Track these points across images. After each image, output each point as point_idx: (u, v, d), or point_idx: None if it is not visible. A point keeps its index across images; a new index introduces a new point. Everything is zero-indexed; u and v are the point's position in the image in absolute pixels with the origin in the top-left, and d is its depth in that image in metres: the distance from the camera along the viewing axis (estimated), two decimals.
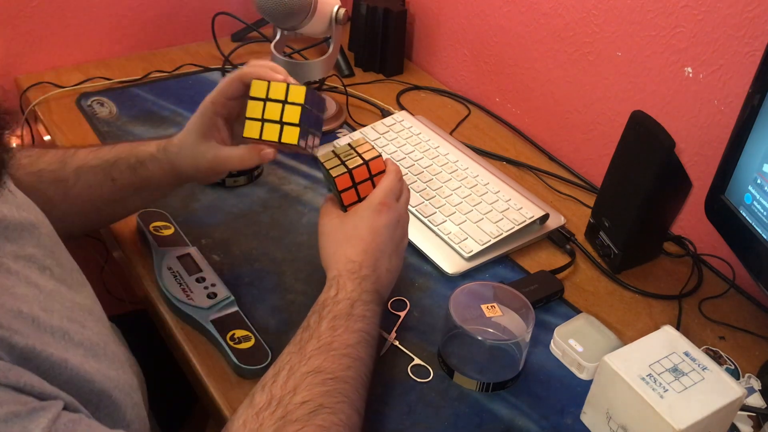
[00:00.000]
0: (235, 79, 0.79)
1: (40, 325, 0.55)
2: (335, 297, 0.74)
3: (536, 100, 1.24)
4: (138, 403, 0.63)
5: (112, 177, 0.82)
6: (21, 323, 0.53)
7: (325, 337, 0.70)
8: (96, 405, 0.57)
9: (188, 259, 0.88)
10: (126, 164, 0.82)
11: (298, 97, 0.78)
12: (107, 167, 0.82)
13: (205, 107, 0.80)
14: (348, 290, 0.75)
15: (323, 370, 0.67)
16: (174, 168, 0.82)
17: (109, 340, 0.64)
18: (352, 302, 0.74)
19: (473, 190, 1.05)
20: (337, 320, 0.72)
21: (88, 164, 0.83)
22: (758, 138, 0.82)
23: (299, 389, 0.65)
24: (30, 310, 0.55)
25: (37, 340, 0.53)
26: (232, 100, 0.80)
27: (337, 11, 1.15)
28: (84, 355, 0.58)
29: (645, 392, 0.69)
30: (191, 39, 1.41)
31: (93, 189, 0.82)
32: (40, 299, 0.58)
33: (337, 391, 0.66)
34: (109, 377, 0.59)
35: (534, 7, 1.18)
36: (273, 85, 0.78)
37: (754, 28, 0.90)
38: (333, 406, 0.65)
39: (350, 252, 0.78)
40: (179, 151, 0.82)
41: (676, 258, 1.02)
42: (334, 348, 0.69)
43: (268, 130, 0.78)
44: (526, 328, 0.80)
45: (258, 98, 0.78)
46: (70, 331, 0.58)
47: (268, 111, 0.78)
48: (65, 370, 0.54)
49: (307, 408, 0.63)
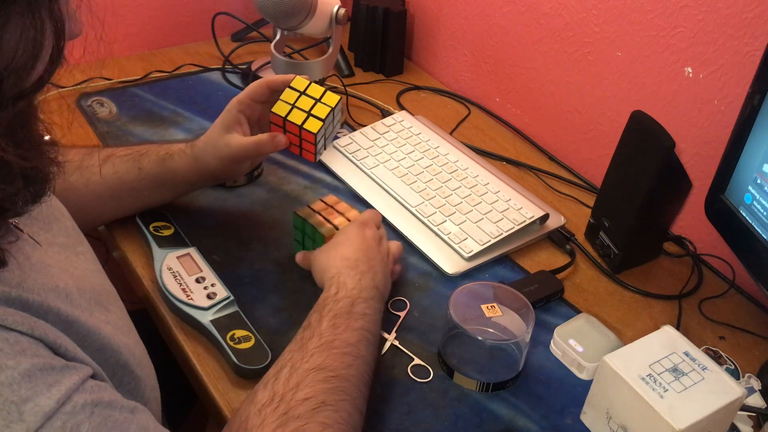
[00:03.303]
0: (263, 84, 0.88)
1: (74, 301, 0.58)
2: (335, 295, 0.75)
3: (536, 100, 1.24)
4: (155, 387, 0.66)
5: (140, 165, 0.87)
6: (57, 297, 0.56)
7: (327, 336, 0.70)
8: (120, 379, 0.60)
9: (188, 259, 0.88)
10: (156, 155, 0.88)
11: (332, 101, 0.88)
12: (137, 156, 0.88)
13: (231, 105, 0.88)
14: (348, 288, 0.76)
15: (325, 368, 0.67)
16: (197, 161, 0.88)
17: (130, 326, 0.67)
18: (353, 300, 0.74)
19: (473, 190, 1.05)
20: (337, 318, 0.72)
21: (118, 153, 0.88)
22: (758, 138, 0.82)
23: (301, 386, 0.65)
24: (65, 287, 0.58)
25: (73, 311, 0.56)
26: (257, 103, 0.89)
27: (337, 11, 1.15)
28: (113, 331, 0.61)
29: (645, 392, 0.69)
30: (191, 39, 1.41)
31: (119, 175, 0.87)
32: (74, 279, 0.61)
33: (339, 388, 0.66)
34: (134, 354, 0.62)
35: (534, 7, 1.18)
36: (313, 85, 0.89)
37: (754, 28, 0.90)
38: (335, 404, 0.65)
39: (345, 251, 0.80)
40: (203, 145, 0.88)
41: (676, 258, 1.02)
42: (335, 346, 0.69)
43: (294, 114, 0.87)
44: (526, 328, 0.80)
45: (296, 89, 0.88)
46: (97, 311, 0.61)
47: (300, 101, 0.88)
48: (98, 338, 0.58)
49: (309, 405, 0.63)
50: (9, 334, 0.49)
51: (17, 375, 0.47)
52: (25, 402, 0.47)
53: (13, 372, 0.47)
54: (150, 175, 0.88)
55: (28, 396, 0.47)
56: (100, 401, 0.51)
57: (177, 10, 1.39)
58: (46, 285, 0.56)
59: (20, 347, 0.49)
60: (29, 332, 0.50)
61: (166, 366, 0.89)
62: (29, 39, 0.46)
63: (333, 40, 1.19)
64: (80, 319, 0.56)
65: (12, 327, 0.49)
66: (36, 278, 0.55)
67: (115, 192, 0.88)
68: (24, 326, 0.50)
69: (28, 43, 0.46)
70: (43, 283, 0.56)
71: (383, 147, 1.12)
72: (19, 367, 0.48)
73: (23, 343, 0.49)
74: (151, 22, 1.36)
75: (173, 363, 0.85)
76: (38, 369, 0.49)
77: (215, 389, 0.77)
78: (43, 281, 0.56)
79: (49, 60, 0.49)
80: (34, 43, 0.46)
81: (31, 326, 0.50)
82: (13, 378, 0.47)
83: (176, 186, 0.91)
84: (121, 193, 0.88)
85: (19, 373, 0.48)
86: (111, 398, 0.53)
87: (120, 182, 0.87)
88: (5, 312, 0.49)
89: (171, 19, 1.38)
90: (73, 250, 0.66)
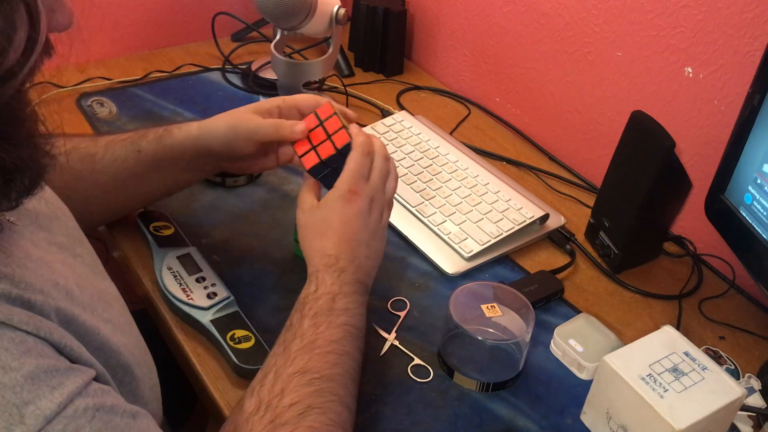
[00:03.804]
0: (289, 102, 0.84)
1: (74, 298, 0.58)
2: (315, 293, 0.73)
3: (536, 100, 1.24)
4: (155, 385, 0.66)
5: (139, 148, 0.84)
6: (57, 294, 0.56)
7: (309, 336, 0.69)
8: (120, 379, 0.59)
9: (188, 259, 0.88)
10: (153, 135, 0.85)
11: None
12: (136, 138, 0.85)
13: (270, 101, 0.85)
14: (327, 284, 0.73)
15: (309, 370, 0.66)
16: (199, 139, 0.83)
17: (132, 323, 0.67)
18: (333, 296, 0.73)
19: (473, 190, 1.05)
20: (319, 317, 0.71)
21: (119, 138, 0.86)
22: (758, 138, 0.82)
23: (286, 391, 0.64)
24: (66, 284, 0.58)
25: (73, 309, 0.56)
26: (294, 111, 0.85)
27: (337, 11, 1.15)
28: (112, 330, 0.60)
29: (645, 392, 0.69)
30: (191, 39, 1.41)
31: (118, 162, 0.84)
32: (74, 276, 0.61)
33: (325, 390, 0.65)
34: (133, 354, 0.62)
35: (534, 7, 1.18)
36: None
37: (754, 28, 0.90)
38: (322, 406, 0.64)
39: (325, 245, 0.76)
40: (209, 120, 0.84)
41: (676, 258, 1.02)
42: (318, 346, 0.68)
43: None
44: (526, 328, 0.80)
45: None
46: (98, 308, 0.61)
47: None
48: (98, 337, 0.57)
49: (295, 410, 0.63)
50: (15, 333, 0.49)
51: (20, 377, 0.47)
52: (26, 405, 0.47)
53: (16, 374, 0.47)
54: (149, 156, 0.84)
55: (30, 399, 0.47)
56: (102, 405, 0.51)
57: (177, 10, 1.39)
58: (47, 282, 0.55)
59: (25, 347, 0.49)
60: (34, 332, 0.50)
61: (166, 366, 0.89)
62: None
63: (333, 40, 1.19)
64: (80, 317, 0.56)
65: (17, 326, 0.49)
66: (37, 276, 0.55)
67: (118, 180, 0.85)
68: (29, 326, 0.50)
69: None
70: (45, 280, 0.55)
71: None
72: (23, 368, 0.48)
73: (29, 343, 0.49)
74: (151, 22, 1.36)
75: (173, 363, 0.85)
76: (42, 371, 0.49)
77: (215, 389, 0.78)
78: (44, 278, 0.56)
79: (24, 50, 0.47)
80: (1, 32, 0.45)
81: (36, 325, 0.50)
82: (17, 380, 0.47)
83: (175, 165, 0.86)
84: (123, 180, 0.86)
85: (23, 375, 0.47)
86: (113, 403, 0.53)
87: (121, 169, 0.85)
88: (10, 311, 0.49)
89: (171, 19, 1.38)
90: (71, 251, 0.65)
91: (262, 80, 1.28)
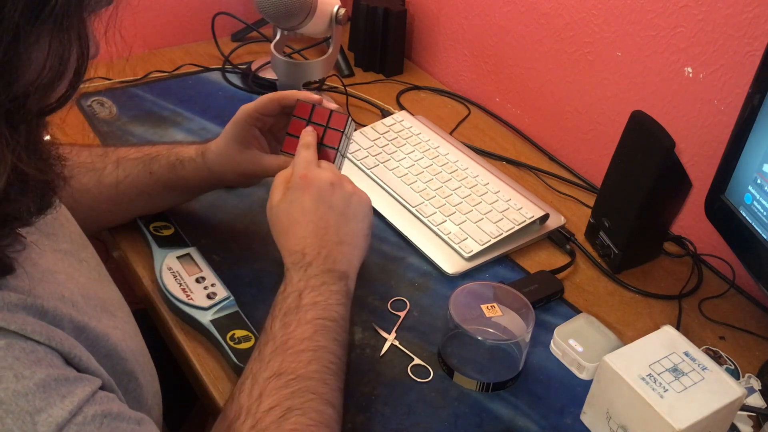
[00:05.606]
0: (273, 99, 0.85)
1: (80, 309, 0.58)
2: (284, 293, 0.73)
3: (536, 100, 1.24)
4: (157, 393, 0.67)
5: (151, 170, 0.87)
6: (64, 304, 0.56)
7: (280, 337, 0.68)
8: (126, 386, 0.60)
9: (188, 259, 0.88)
10: (166, 160, 0.87)
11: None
12: (147, 160, 0.87)
13: (239, 118, 0.85)
14: (294, 282, 0.73)
15: (284, 372, 0.66)
16: (212, 172, 0.87)
17: (136, 331, 0.67)
18: (299, 293, 0.72)
19: (473, 190, 1.05)
20: (287, 316, 0.70)
21: (129, 156, 0.88)
22: (758, 138, 0.82)
23: (264, 396, 0.64)
24: (71, 295, 0.58)
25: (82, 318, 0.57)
26: (267, 116, 0.86)
27: (337, 11, 1.15)
28: (120, 337, 0.61)
29: (645, 392, 0.69)
30: (191, 39, 1.41)
31: (130, 179, 0.87)
32: (78, 287, 0.61)
33: (303, 389, 0.65)
34: (138, 361, 0.63)
35: (534, 7, 1.18)
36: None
37: (754, 28, 0.90)
38: (302, 407, 0.64)
39: (290, 243, 0.76)
40: (216, 157, 0.86)
41: (676, 258, 1.02)
42: (290, 346, 0.68)
43: None
44: (526, 328, 0.80)
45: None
46: (104, 317, 0.61)
47: None
48: (107, 343, 0.58)
49: (275, 414, 0.62)
50: (27, 343, 0.50)
51: (32, 385, 0.48)
52: (39, 412, 0.48)
53: (28, 382, 0.48)
54: (161, 180, 0.87)
55: (42, 406, 0.48)
56: (109, 412, 0.52)
57: (177, 10, 1.39)
58: (54, 292, 0.56)
59: (36, 357, 0.50)
60: (46, 342, 0.51)
61: (166, 366, 0.89)
62: (57, 57, 0.47)
63: (333, 40, 1.19)
64: (89, 324, 0.57)
65: (30, 336, 0.50)
66: (45, 285, 0.56)
67: (127, 196, 0.88)
68: (41, 336, 0.51)
69: (55, 62, 0.48)
70: (52, 290, 0.56)
71: (383, 147, 1.12)
72: (35, 377, 0.49)
73: (39, 352, 0.50)
74: (151, 22, 1.36)
75: (173, 363, 0.85)
76: (53, 379, 0.50)
77: (215, 389, 0.78)
78: (52, 288, 0.56)
79: (72, 78, 0.50)
80: (61, 61, 0.48)
81: (48, 335, 0.51)
82: (29, 388, 0.48)
83: (188, 191, 0.92)
84: (133, 197, 0.88)
85: (35, 383, 0.48)
86: (119, 410, 0.54)
87: (132, 185, 0.87)
88: (24, 321, 0.50)
89: (171, 19, 1.38)
90: (76, 257, 0.66)
91: (262, 80, 1.28)
